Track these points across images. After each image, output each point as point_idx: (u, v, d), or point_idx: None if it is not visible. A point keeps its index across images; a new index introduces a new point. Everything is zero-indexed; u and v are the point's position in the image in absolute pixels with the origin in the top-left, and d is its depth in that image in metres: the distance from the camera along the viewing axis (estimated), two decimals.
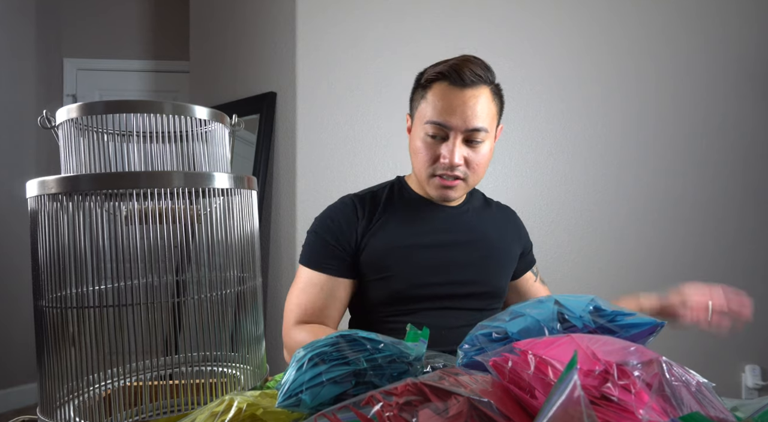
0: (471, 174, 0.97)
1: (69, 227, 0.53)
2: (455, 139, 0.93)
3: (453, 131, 0.93)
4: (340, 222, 1.02)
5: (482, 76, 0.94)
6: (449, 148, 0.93)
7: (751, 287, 2.06)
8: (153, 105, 0.57)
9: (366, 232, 1.01)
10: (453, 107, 0.92)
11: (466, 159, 0.95)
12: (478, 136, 0.94)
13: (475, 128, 0.93)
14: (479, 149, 0.96)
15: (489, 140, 0.97)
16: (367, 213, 1.03)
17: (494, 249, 1.06)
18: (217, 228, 0.59)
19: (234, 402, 0.45)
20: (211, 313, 0.57)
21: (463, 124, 0.92)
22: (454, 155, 0.93)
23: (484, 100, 0.94)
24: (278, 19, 2.23)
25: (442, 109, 0.93)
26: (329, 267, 1.00)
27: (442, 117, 0.93)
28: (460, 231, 1.05)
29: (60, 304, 0.54)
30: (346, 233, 1.01)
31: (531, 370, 0.35)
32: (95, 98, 3.24)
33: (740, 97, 2.04)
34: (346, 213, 1.03)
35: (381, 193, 1.08)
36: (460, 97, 0.92)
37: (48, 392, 0.55)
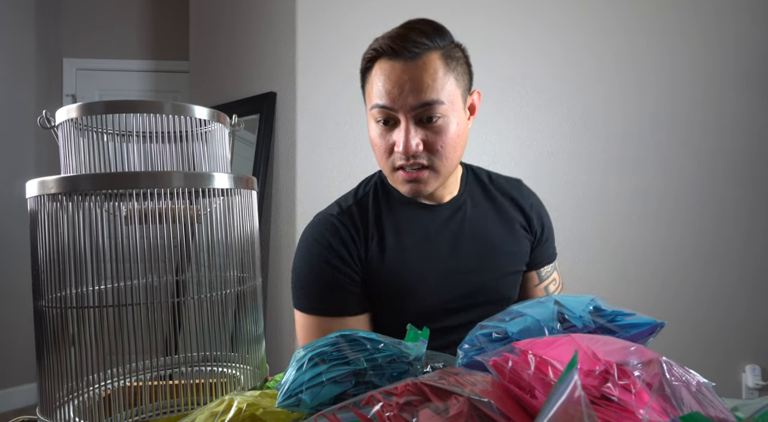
0: (438, 159, 0.81)
1: (69, 227, 0.53)
2: (406, 122, 0.78)
3: (401, 113, 0.78)
4: (336, 247, 0.85)
5: (426, 43, 0.79)
6: (400, 135, 0.79)
7: (751, 287, 2.06)
8: (153, 105, 0.57)
9: (366, 255, 0.87)
10: (394, 84, 0.78)
11: (425, 142, 0.79)
12: (432, 111, 0.78)
13: (424, 102, 0.77)
14: (440, 127, 0.79)
15: (453, 114, 0.80)
16: (361, 232, 0.88)
17: (498, 254, 0.92)
18: (217, 228, 0.59)
19: (234, 402, 0.45)
20: (211, 313, 0.57)
21: (410, 100, 0.77)
22: (408, 141, 0.78)
23: (431, 67, 0.78)
24: (278, 19, 2.23)
25: (384, 90, 0.78)
26: (349, 308, 0.85)
27: (385, 98, 0.78)
28: (459, 236, 0.91)
29: (60, 304, 0.54)
30: (346, 259, 0.85)
31: (531, 370, 0.35)
32: (95, 98, 3.24)
33: (742, 96, 2.04)
34: (337, 235, 0.86)
35: (366, 200, 0.92)
36: (400, 70, 0.77)
37: (48, 392, 0.55)
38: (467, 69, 0.86)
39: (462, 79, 0.83)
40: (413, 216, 0.90)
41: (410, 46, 0.78)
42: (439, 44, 0.81)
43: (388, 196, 0.92)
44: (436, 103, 0.78)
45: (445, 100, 0.79)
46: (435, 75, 0.78)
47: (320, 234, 0.87)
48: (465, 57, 0.86)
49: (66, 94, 3.23)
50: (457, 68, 0.82)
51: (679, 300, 2.03)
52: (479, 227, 0.93)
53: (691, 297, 2.03)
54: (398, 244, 0.88)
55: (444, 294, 0.89)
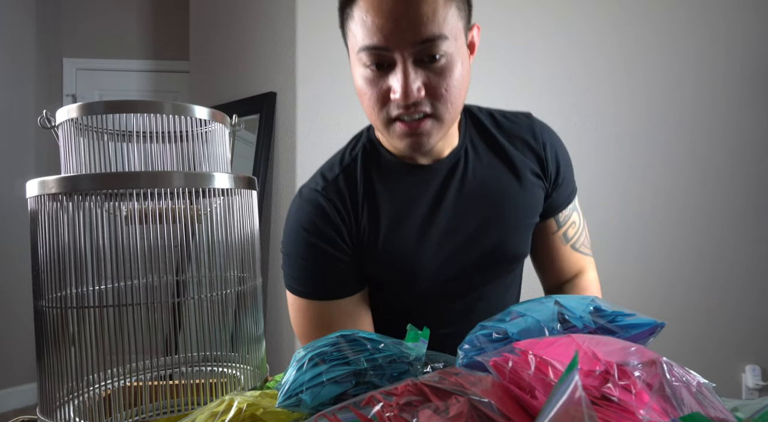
0: (441, 105, 0.69)
1: (69, 227, 0.53)
2: (404, 63, 0.65)
3: (397, 52, 0.65)
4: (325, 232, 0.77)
5: None
6: (399, 77, 0.66)
7: (751, 287, 2.06)
8: (153, 105, 0.57)
9: (358, 233, 0.79)
10: (389, 18, 0.64)
11: (427, 86, 0.67)
12: (435, 48, 0.65)
13: (427, 38, 0.64)
14: (444, 67, 0.67)
15: (457, 51, 0.68)
16: (350, 208, 0.78)
17: (507, 209, 0.81)
18: (217, 228, 0.59)
19: (234, 402, 0.45)
20: (211, 313, 0.57)
21: (410, 35, 0.64)
22: (408, 85, 0.65)
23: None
24: (278, 19, 2.23)
25: (375, 26, 0.65)
26: (343, 289, 0.78)
27: (377, 36, 0.65)
28: (461, 195, 0.80)
29: (60, 304, 0.54)
30: (338, 244, 0.77)
31: (531, 370, 0.35)
32: (95, 98, 3.24)
33: (748, 95, 2.04)
34: (325, 219, 0.77)
35: (354, 167, 0.80)
36: (396, 1, 0.64)
37: (48, 392, 0.55)
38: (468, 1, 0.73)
39: (463, 8, 0.70)
40: (408, 180, 0.79)
41: None
42: None
43: (379, 158, 0.81)
44: (438, 38, 0.65)
45: (448, 34, 0.66)
46: (435, 4, 0.65)
47: (307, 218, 0.77)
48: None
49: (66, 93, 3.23)
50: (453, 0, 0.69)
51: (680, 301, 2.03)
52: (483, 181, 0.81)
53: (691, 298, 2.03)
54: (393, 216, 0.78)
55: (452, 263, 0.80)
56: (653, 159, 2.07)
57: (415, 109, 0.68)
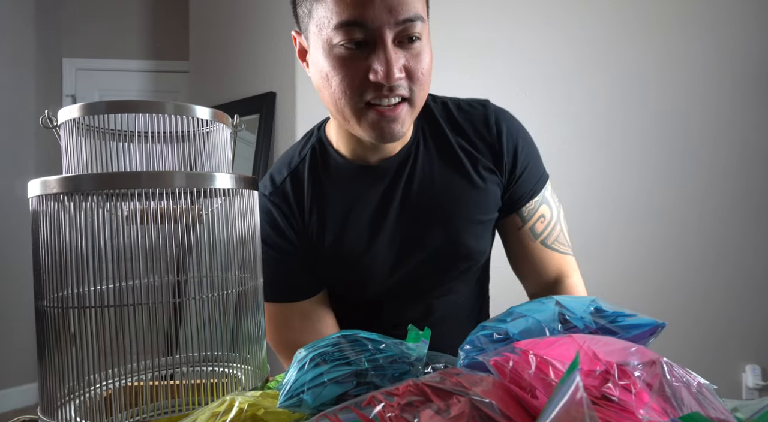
0: (417, 88, 0.67)
1: (70, 227, 0.53)
2: (385, 41, 0.62)
3: (378, 29, 0.62)
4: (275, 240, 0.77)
5: None
6: (381, 57, 0.62)
7: (751, 287, 2.06)
8: (155, 105, 0.57)
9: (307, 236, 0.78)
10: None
11: (406, 69, 0.65)
12: (414, 29, 0.63)
13: (409, 17, 0.62)
14: (420, 49, 0.65)
15: (427, 36, 0.67)
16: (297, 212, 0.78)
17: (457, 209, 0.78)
18: (218, 228, 0.59)
19: (235, 402, 0.45)
20: (212, 313, 0.57)
21: (391, 14, 0.61)
22: (392, 66, 0.62)
23: None
24: (278, 19, 2.23)
25: (353, 1, 0.61)
26: (302, 291, 0.78)
27: (357, 10, 0.61)
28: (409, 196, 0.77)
29: (60, 304, 0.54)
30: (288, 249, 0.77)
31: (532, 370, 0.35)
32: (94, 98, 3.24)
33: (746, 97, 2.05)
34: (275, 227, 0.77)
35: (301, 169, 0.79)
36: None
37: (48, 392, 0.55)
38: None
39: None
40: (356, 181, 0.77)
41: None
42: None
43: (328, 159, 0.79)
44: (418, 19, 0.63)
45: (424, 16, 0.65)
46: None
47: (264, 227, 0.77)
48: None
49: (66, 94, 3.23)
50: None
51: (680, 301, 2.03)
52: (431, 182, 0.78)
53: (691, 298, 2.03)
54: (341, 218, 0.77)
55: (402, 263, 0.79)
56: (654, 159, 2.07)
57: (392, 92, 0.64)
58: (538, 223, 0.83)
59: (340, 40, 0.63)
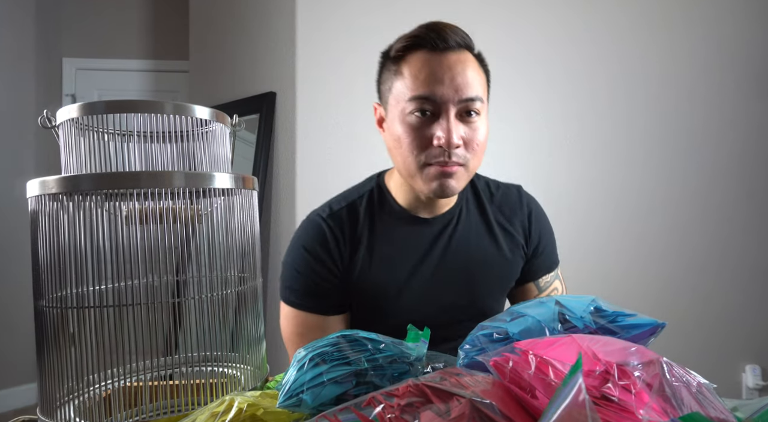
0: (472, 158, 0.79)
1: (69, 227, 0.53)
2: (448, 114, 0.76)
3: (444, 104, 0.75)
4: (319, 253, 0.86)
5: (465, 39, 0.79)
6: (444, 126, 0.75)
7: (751, 287, 2.06)
8: (154, 105, 0.57)
9: (351, 263, 0.87)
10: (439, 75, 0.75)
11: (464, 139, 0.77)
12: (474, 106, 0.77)
13: (470, 97, 0.76)
14: (477, 125, 0.78)
15: (484, 114, 0.80)
16: (348, 239, 0.87)
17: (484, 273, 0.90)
18: (217, 228, 0.59)
19: (234, 402, 0.45)
20: (212, 313, 0.57)
21: (456, 93, 0.75)
22: (452, 133, 0.75)
23: (473, 64, 0.78)
24: (278, 19, 2.23)
25: (427, 79, 0.75)
26: (327, 307, 0.87)
27: (429, 88, 0.75)
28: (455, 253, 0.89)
29: (60, 304, 0.54)
30: (330, 265, 0.86)
31: (532, 370, 0.35)
32: (94, 98, 3.24)
33: (747, 97, 2.04)
34: (322, 240, 0.86)
35: (359, 204, 0.90)
36: (445, 62, 0.76)
37: (48, 392, 0.55)
38: (488, 78, 0.85)
39: (487, 81, 0.84)
40: (403, 229, 0.88)
41: (452, 38, 0.77)
42: (469, 44, 0.80)
43: (384, 203, 0.90)
44: (477, 99, 0.77)
45: (483, 97, 0.79)
46: (475, 71, 0.78)
47: (308, 239, 0.87)
48: (487, 69, 0.85)
49: (66, 93, 3.23)
50: (483, 72, 0.82)
51: (680, 301, 2.03)
52: (467, 244, 0.90)
53: (691, 298, 2.03)
54: (386, 257, 0.87)
55: (423, 309, 0.88)
56: (656, 159, 2.07)
57: (450, 159, 0.77)
58: (552, 294, 0.95)
59: (413, 109, 0.77)
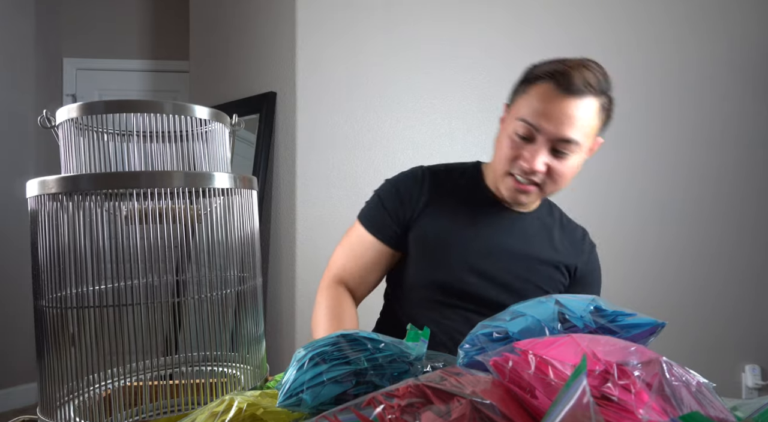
0: (550, 183, 0.91)
1: (69, 227, 0.53)
2: (542, 145, 0.87)
3: (542, 136, 0.86)
4: (402, 192, 1.00)
5: (593, 86, 0.86)
6: (531, 152, 0.87)
7: (751, 287, 2.06)
8: (153, 105, 0.57)
9: (423, 211, 0.99)
10: (551, 112, 0.85)
11: (548, 167, 0.88)
12: (568, 147, 0.87)
13: (567, 139, 0.86)
14: (565, 160, 0.89)
15: (579, 153, 0.90)
16: (430, 191, 1.00)
17: (539, 270, 0.99)
18: (217, 228, 0.59)
19: (234, 402, 0.45)
20: (211, 313, 0.57)
21: (556, 131, 0.85)
22: (536, 161, 0.87)
23: (588, 112, 0.86)
24: (278, 19, 2.23)
25: (539, 112, 0.86)
26: (382, 233, 0.99)
27: (537, 119, 0.86)
28: (516, 240, 0.99)
29: (60, 304, 0.54)
30: (405, 205, 0.99)
31: (531, 370, 0.35)
32: (95, 98, 3.24)
33: (744, 97, 2.04)
34: (410, 184, 1.01)
35: (455, 173, 1.03)
36: (562, 103, 0.85)
37: (48, 392, 0.55)
38: (608, 120, 0.93)
39: (601, 128, 0.93)
40: (484, 205, 1.00)
41: (581, 85, 0.84)
42: (603, 90, 0.88)
43: (475, 181, 1.02)
44: (573, 141, 0.86)
45: (581, 141, 0.87)
46: (586, 120, 0.86)
47: (403, 176, 1.03)
48: (612, 110, 0.93)
49: (66, 93, 3.23)
50: (603, 118, 0.90)
51: (680, 301, 2.03)
52: (535, 243, 1.00)
53: (691, 298, 2.03)
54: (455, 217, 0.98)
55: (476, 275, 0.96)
56: (653, 158, 2.07)
57: (530, 177, 0.89)
58: None
59: (518, 129, 0.88)
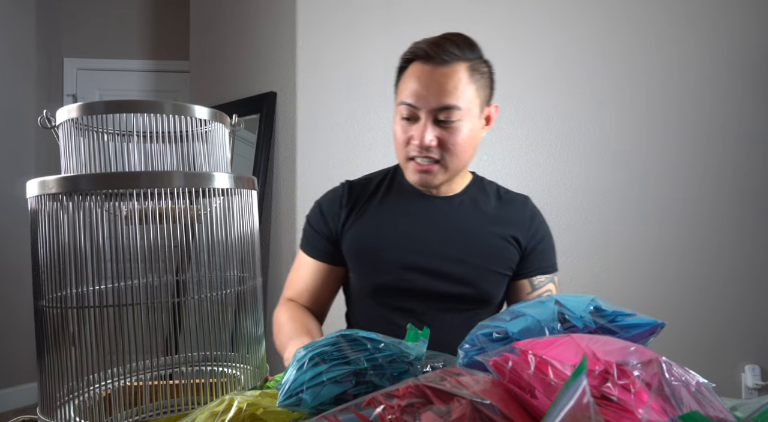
0: (448, 156, 0.91)
1: (69, 227, 0.53)
2: (426, 120, 0.89)
3: (422, 110, 0.89)
4: (324, 210, 1.03)
5: (458, 54, 0.89)
6: (418, 130, 0.90)
7: (751, 287, 2.06)
8: (153, 105, 0.57)
9: (347, 222, 1.01)
10: (423, 86, 0.88)
11: (439, 139, 0.90)
12: (450, 114, 0.88)
13: (445, 106, 0.88)
14: (455, 129, 0.90)
15: (467, 120, 0.91)
16: (351, 202, 1.02)
17: (482, 249, 0.97)
18: (217, 228, 0.59)
19: (234, 401, 0.45)
20: (211, 313, 0.57)
21: (432, 102, 0.88)
22: (424, 136, 0.88)
23: (457, 77, 0.88)
24: (278, 19, 2.23)
25: (413, 89, 0.89)
26: (316, 253, 1.03)
27: (413, 97, 0.89)
28: (447, 225, 0.98)
29: (60, 304, 0.54)
30: (329, 221, 1.02)
31: (531, 370, 0.35)
32: (95, 98, 3.24)
33: (743, 96, 2.04)
34: (331, 201, 1.04)
35: (375, 180, 1.06)
36: (431, 75, 0.88)
37: (48, 392, 0.55)
38: (489, 83, 0.95)
39: (482, 91, 0.93)
40: (405, 200, 1.01)
41: (442, 54, 0.88)
42: (468, 57, 0.90)
43: (396, 179, 1.04)
44: (453, 107, 0.88)
45: (462, 106, 0.89)
46: (458, 83, 0.88)
47: (324, 198, 1.06)
48: (490, 73, 0.96)
49: (66, 93, 3.23)
50: (480, 81, 0.92)
51: (680, 301, 2.03)
52: (468, 222, 0.99)
53: (691, 298, 2.03)
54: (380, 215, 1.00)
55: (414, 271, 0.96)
56: (653, 158, 2.07)
57: (427, 154, 0.90)
58: (544, 295, 0.98)
59: (402, 113, 0.92)
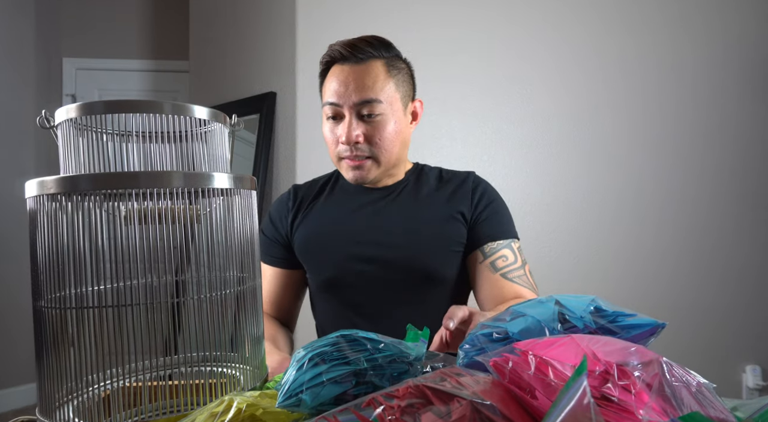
0: (377, 151, 0.94)
1: (68, 227, 0.53)
2: (349, 117, 0.93)
3: (345, 107, 0.93)
4: (273, 217, 1.08)
5: (373, 52, 0.94)
6: (344, 128, 0.93)
7: (751, 287, 2.06)
8: (153, 105, 0.57)
9: (293, 223, 1.05)
10: (343, 84, 0.92)
11: (365, 135, 0.93)
12: (373, 108, 0.92)
13: (366, 99, 0.92)
14: (379, 123, 0.93)
15: (391, 114, 0.94)
16: (297, 203, 1.06)
17: (426, 230, 0.97)
18: (216, 228, 0.59)
19: (234, 402, 0.44)
20: (211, 314, 0.57)
21: (354, 97, 0.92)
22: (350, 132, 0.92)
23: (377, 73, 0.93)
24: (278, 19, 2.23)
25: (334, 88, 0.93)
26: (272, 260, 1.06)
27: (335, 95, 0.93)
28: (387, 213, 0.99)
29: (59, 305, 0.54)
30: (278, 226, 1.06)
31: (531, 371, 0.35)
32: (94, 98, 3.24)
33: (739, 96, 2.04)
34: (278, 207, 1.08)
35: (321, 180, 1.10)
36: (347, 72, 0.93)
37: (47, 392, 0.55)
38: (409, 79, 1.00)
39: (402, 86, 0.97)
40: (347, 196, 1.05)
41: (357, 53, 0.93)
42: (383, 54, 0.95)
43: (337, 182, 1.08)
44: (374, 101, 0.92)
45: (383, 100, 0.93)
46: (376, 78, 0.93)
47: (273, 203, 1.11)
48: (408, 69, 1.01)
49: (66, 93, 3.23)
50: (398, 76, 0.96)
51: (680, 301, 2.03)
52: (407, 207, 1.00)
53: (691, 298, 2.03)
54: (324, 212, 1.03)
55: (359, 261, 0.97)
56: (652, 158, 2.07)
57: (356, 152, 0.94)
58: (499, 261, 0.97)
59: (327, 114, 0.96)
